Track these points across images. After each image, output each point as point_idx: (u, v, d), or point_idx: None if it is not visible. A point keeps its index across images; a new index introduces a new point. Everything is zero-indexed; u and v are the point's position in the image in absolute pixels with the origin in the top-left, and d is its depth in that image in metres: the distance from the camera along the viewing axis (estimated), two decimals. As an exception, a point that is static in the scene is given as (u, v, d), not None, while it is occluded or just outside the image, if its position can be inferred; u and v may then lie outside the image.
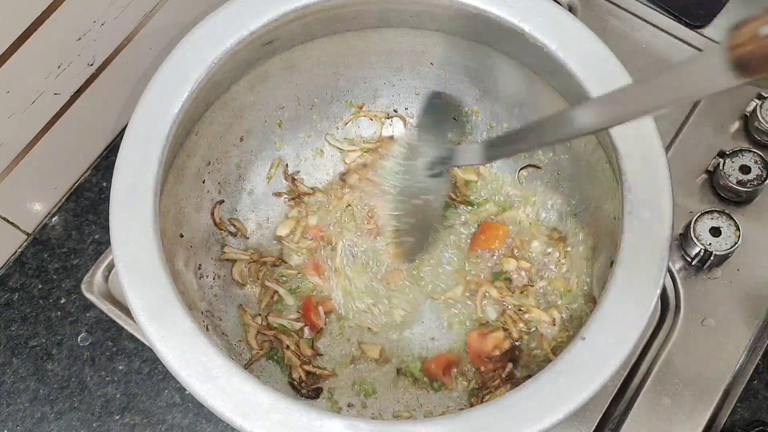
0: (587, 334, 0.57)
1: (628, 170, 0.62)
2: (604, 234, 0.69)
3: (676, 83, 0.46)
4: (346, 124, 0.83)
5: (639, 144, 0.63)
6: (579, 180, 0.75)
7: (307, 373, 0.73)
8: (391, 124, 0.83)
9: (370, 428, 0.55)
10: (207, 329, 0.67)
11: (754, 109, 0.82)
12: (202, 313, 0.69)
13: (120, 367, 0.77)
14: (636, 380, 0.75)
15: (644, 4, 0.91)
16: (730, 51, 0.40)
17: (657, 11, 0.91)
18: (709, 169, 0.82)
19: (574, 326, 0.72)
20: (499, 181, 0.80)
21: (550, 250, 0.76)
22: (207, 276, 0.74)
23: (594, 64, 0.66)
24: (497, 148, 0.65)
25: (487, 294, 0.74)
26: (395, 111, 0.83)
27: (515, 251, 0.76)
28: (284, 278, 0.78)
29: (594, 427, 0.73)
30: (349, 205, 0.79)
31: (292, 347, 0.73)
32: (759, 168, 0.79)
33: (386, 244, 0.77)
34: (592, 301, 0.70)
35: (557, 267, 0.75)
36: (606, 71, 0.65)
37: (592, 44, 0.67)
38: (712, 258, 0.77)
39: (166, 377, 0.76)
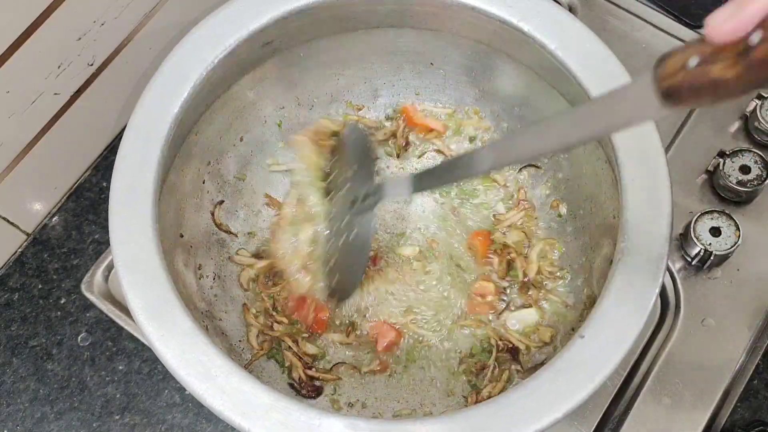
0: (586, 332, 0.57)
1: (628, 170, 0.62)
2: (603, 234, 0.69)
3: (604, 114, 0.46)
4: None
5: (639, 144, 0.63)
6: (579, 180, 0.75)
7: (309, 376, 0.73)
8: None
9: (370, 428, 0.55)
10: (207, 329, 0.67)
11: (754, 109, 0.82)
12: (202, 313, 0.70)
13: (120, 367, 0.77)
14: (636, 380, 0.75)
15: (644, 4, 0.91)
16: (659, 82, 0.40)
17: (657, 11, 0.91)
18: (709, 169, 0.82)
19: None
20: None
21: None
22: (207, 276, 0.74)
23: (594, 64, 0.66)
24: (423, 181, 0.64)
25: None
26: (395, 111, 0.83)
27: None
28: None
29: (594, 427, 0.73)
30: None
31: (294, 348, 0.73)
32: (759, 168, 0.79)
33: (312, 285, 0.74)
34: (592, 301, 0.70)
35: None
36: (606, 71, 0.65)
37: (592, 44, 0.67)
38: (712, 258, 0.77)
39: (166, 377, 0.76)
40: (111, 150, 0.86)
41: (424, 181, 0.64)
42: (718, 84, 0.37)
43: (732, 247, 0.76)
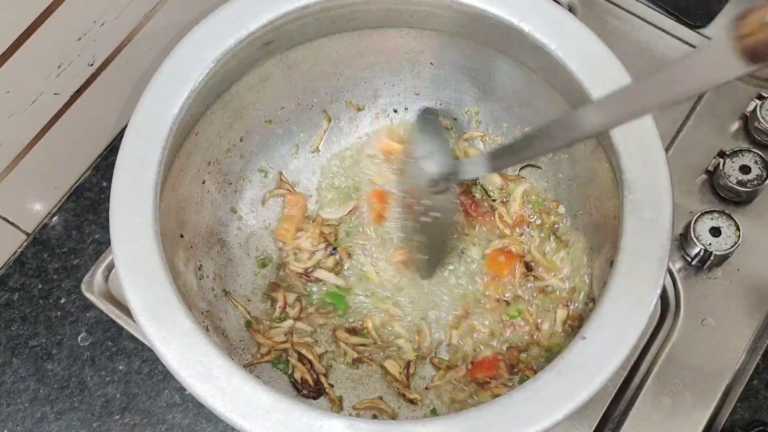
0: (587, 333, 0.57)
1: (628, 170, 0.62)
2: (603, 234, 0.69)
3: (683, 77, 0.46)
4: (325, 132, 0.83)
5: (639, 144, 0.63)
6: (579, 180, 0.75)
7: (316, 384, 0.73)
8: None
9: (370, 428, 0.55)
10: (207, 329, 0.67)
11: (754, 109, 0.82)
12: (202, 313, 0.69)
13: (120, 367, 0.77)
14: (636, 380, 0.75)
15: (644, 4, 0.91)
16: (739, 41, 0.40)
17: (657, 11, 0.91)
18: (709, 169, 0.82)
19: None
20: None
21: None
22: (207, 276, 0.74)
23: (594, 64, 0.66)
24: (501, 158, 0.64)
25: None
26: (395, 111, 0.83)
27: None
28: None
29: (594, 427, 0.73)
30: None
31: (308, 356, 0.73)
32: (759, 168, 0.79)
33: (400, 262, 0.77)
34: (592, 301, 0.70)
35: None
36: (606, 71, 0.65)
37: (592, 44, 0.67)
38: (712, 258, 0.77)
39: (166, 377, 0.76)
40: (111, 150, 0.86)
41: (503, 158, 0.64)
42: None
43: (732, 247, 0.76)
